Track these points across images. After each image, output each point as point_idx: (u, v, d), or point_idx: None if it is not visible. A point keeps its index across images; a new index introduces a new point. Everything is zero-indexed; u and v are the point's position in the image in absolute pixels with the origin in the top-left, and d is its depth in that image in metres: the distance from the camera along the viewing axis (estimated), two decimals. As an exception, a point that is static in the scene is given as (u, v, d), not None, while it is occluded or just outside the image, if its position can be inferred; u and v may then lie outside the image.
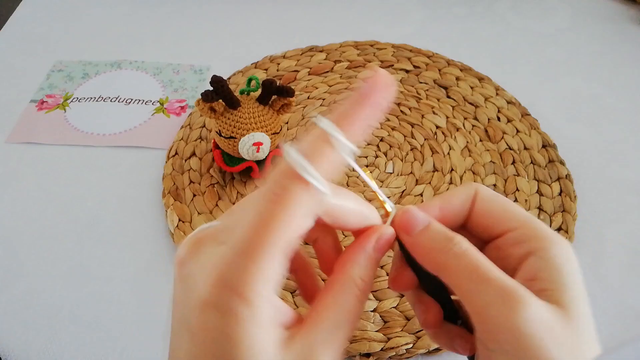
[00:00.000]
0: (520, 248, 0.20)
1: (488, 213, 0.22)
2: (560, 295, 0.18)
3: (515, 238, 0.21)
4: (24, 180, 0.48)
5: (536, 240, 0.20)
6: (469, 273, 0.19)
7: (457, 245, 0.20)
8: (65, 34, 0.62)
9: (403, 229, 0.21)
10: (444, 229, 0.21)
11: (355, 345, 0.37)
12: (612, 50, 0.61)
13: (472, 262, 0.19)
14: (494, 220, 0.21)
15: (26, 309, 0.39)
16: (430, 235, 0.20)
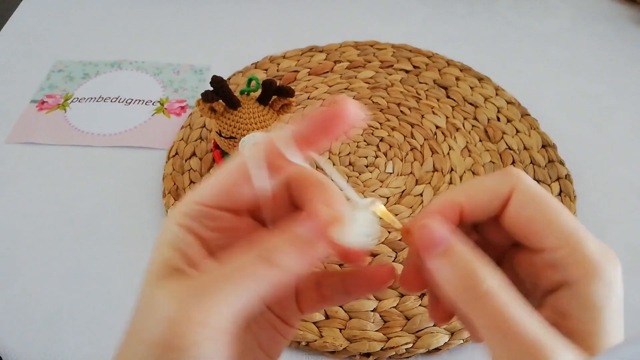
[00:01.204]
0: (555, 273, 0.17)
1: (525, 220, 0.18)
2: (595, 340, 0.17)
3: (551, 260, 0.17)
4: (24, 180, 0.48)
5: (576, 267, 0.17)
6: (492, 320, 0.16)
7: (482, 284, 0.16)
8: (65, 34, 0.62)
9: (421, 247, 0.18)
10: (468, 255, 0.17)
11: (355, 344, 0.37)
12: (613, 50, 0.61)
13: (498, 308, 0.16)
14: (531, 231, 0.18)
15: (25, 309, 0.39)
16: (451, 263, 0.17)
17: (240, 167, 0.18)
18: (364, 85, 0.55)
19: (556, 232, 0.17)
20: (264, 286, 0.17)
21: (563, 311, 0.17)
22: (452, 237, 0.17)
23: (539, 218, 0.18)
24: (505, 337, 0.16)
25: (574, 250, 0.17)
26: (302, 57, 0.58)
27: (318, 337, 0.37)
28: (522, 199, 0.18)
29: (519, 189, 0.18)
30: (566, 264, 0.17)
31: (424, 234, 0.18)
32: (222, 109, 0.42)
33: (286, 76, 0.56)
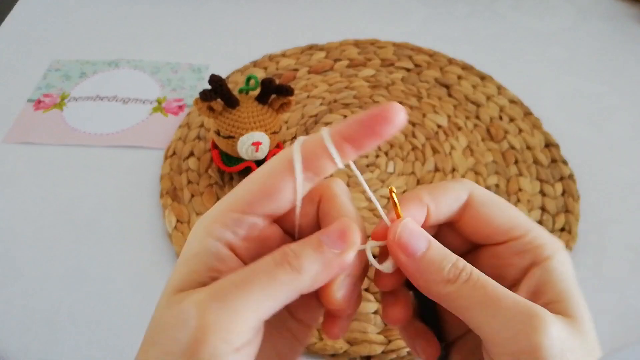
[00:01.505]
0: (523, 258, 0.20)
1: (486, 220, 0.20)
2: (567, 307, 0.19)
3: (518, 247, 0.20)
4: (21, 180, 0.47)
5: (540, 249, 0.19)
6: (481, 300, 0.18)
7: (464, 271, 0.18)
8: (62, 33, 0.62)
9: (403, 251, 0.19)
10: (444, 250, 0.19)
11: (356, 347, 0.36)
12: (615, 49, 0.61)
13: (485, 289, 0.18)
14: (494, 229, 0.20)
15: (24, 309, 0.39)
16: (432, 261, 0.19)
17: (283, 166, 0.18)
18: (364, 83, 0.54)
19: (521, 224, 0.20)
20: (287, 292, 0.17)
21: (538, 288, 0.19)
22: (429, 236, 0.19)
23: (502, 215, 0.20)
24: (497, 310, 0.17)
25: (537, 236, 0.20)
26: (302, 56, 0.57)
27: (318, 340, 0.36)
28: (482, 200, 0.20)
29: (476, 195, 0.21)
30: (533, 247, 0.20)
31: (405, 234, 0.19)
32: (221, 108, 0.42)
33: (285, 75, 0.55)
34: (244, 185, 0.19)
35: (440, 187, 0.21)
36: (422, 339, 0.22)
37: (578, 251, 0.42)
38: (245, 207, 0.18)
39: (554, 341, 0.17)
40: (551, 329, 0.17)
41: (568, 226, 0.43)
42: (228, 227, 0.18)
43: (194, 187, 0.45)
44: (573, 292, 0.19)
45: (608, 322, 0.38)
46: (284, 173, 0.18)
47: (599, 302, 0.39)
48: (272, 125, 0.42)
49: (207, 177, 0.46)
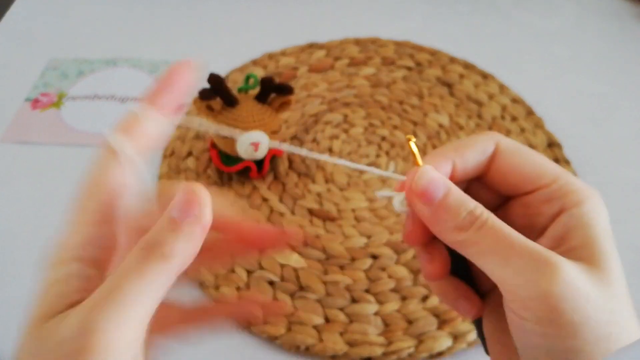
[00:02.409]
0: (552, 206, 0.19)
1: (514, 169, 0.20)
2: (591, 252, 0.18)
3: (547, 195, 0.19)
4: (18, 180, 0.47)
5: (569, 195, 0.19)
6: (494, 247, 0.18)
7: (480, 218, 0.18)
8: (59, 32, 0.62)
9: (421, 198, 0.19)
10: (463, 197, 0.19)
11: (356, 349, 0.36)
12: (618, 48, 0.60)
13: (497, 235, 0.18)
14: (522, 177, 0.20)
15: (22, 310, 0.39)
16: (449, 208, 0.19)
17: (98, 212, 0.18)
18: (365, 82, 0.54)
19: (547, 172, 0.20)
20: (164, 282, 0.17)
21: (562, 234, 0.19)
22: (448, 182, 0.19)
23: (530, 162, 0.20)
24: (509, 257, 0.17)
25: (567, 182, 0.19)
26: (302, 54, 0.57)
27: (318, 342, 0.36)
28: (511, 150, 0.20)
29: (503, 144, 0.20)
30: (562, 195, 0.19)
31: (424, 181, 0.19)
32: (220, 107, 0.41)
33: (285, 73, 0.55)
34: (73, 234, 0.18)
35: (466, 142, 0.21)
36: (463, 298, 0.21)
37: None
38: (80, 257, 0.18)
39: (566, 288, 0.17)
40: (563, 276, 0.17)
41: (571, 227, 0.42)
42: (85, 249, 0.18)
43: (192, 187, 0.45)
44: (601, 240, 0.18)
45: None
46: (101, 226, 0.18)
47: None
48: (272, 124, 0.42)
49: (205, 177, 0.45)
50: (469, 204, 0.19)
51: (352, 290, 0.38)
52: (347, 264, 0.40)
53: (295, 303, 0.38)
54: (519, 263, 0.17)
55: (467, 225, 0.18)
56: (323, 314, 0.37)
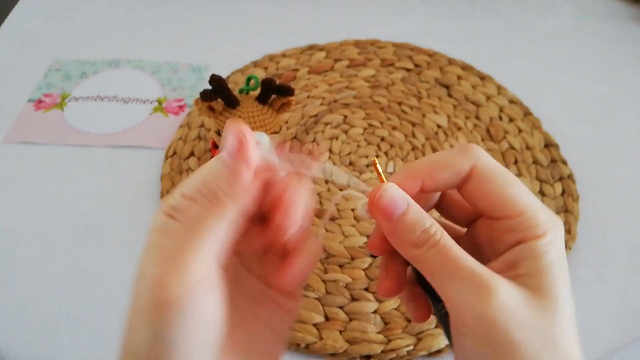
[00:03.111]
0: (512, 236, 0.20)
1: (483, 195, 0.20)
2: (537, 281, 0.19)
3: (510, 226, 0.20)
4: (21, 180, 0.47)
5: (529, 230, 0.19)
6: (442, 266, 0.19)
7: (433, 237, 0.19)
8: (62, 33, 0.62)
9: (381, 213, 0.20)
10: (420, 215, 0.20)
11: (356, 347, 0.36)
12: (615, 49, 0.61)
13: (447, 255, 0.19)
14: (490, 205, 0.20)
15: (24, 309, 0.39)
16: (406, 224, 0.20)
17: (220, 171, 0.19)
18: (364, 84, 0.54)
19: (515, 205, 0.20)
20: (225, 226, 0.18)
21: (514, 261, 0.19)
22: (408, 199, 0.20)
23: (500, 193, 0.20)
24: (455, 277, 0.19)
25: (531, 217, 0.20)
26: (302, 56, 0.57)
27: (318, 339, 0.36)
28: (484, 176, 0.20)
29: (479, 167, 0.20)
30: (523, 228, 0.20)
31: (386, 198, 0.20)
32: (221, 108, 0.42)
33: (286, 75, 0.55)
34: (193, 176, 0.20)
35: (441, 159, 0.21)
36: (412, 303, 0.23)
37: (577, 251, 0.42)
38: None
39: (501, 311, 0.18)
40: (500, 299, 0.18)
41: (567, 226, 0.43)
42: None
43: (194, 187, 0.45)
44: (549, 270, 0.19)
45: (608, 322, 0.38)
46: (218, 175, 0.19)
47: (599, 302, 0.39)
48: (273, 125, 0.42)
49: (207, 177, 0.46)
50: (424, 222, 0.20)
51: (351, 288, 0.39)
52: (346, 263, 0.40)
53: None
54: (462, 283, 0.18)
55: (421, 242, 0.19)
56: (323, 312, 0.38)
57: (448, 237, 0.20)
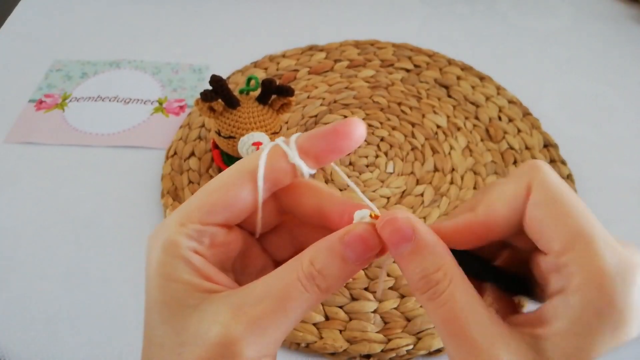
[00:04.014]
0: (557, 279, 0.16)
1: (535, 221, 0.17)
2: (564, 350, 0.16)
3: (557, 264, 0.16)
4: (22, 180, 0.47)
5: (575, 277, 0.15)
6: (443, 322, 0.16)
7: (434, 289, 0.17)
8: (63, 33, 0.62)
9: (387, 242, 0.17)
10: (426, 254, 0.17)
11: (356, 346, 0.36)
12: (614, 50, 0.61)
13: (448, 313, 0.16)
14: (540, 233, 0.17)
15: (25, 309, 0.39)
16: (409, 264, 0.17)
17: (242, 178, 0.18)
18: (364, 84, 0.54)
19: (562, 235, 0.16)
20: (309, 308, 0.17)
21: (546, 317, 0.16)
22: (417, 227, 0.17)
23: (547, 219, 0.16)
24: (454, 336, 0.16)
25: (579, 257, 0.15)
26: (302, 56, 0.57)
27: (318, 339, 0.37)
28: (535, 199, 0.17)
29: (533, 189, 0.17)
30: (569, 272, 0.15)
31: (390, 228, 0.17)
32: (221, 108, 0.42)
33: (286, 75, 0.55)
34: (201, 195, 0.18)
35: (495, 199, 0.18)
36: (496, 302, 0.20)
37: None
38: (204, 217, 0.18)
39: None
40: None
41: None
42: (193, 238, 0.18)
43: (195, 187, 0.45)
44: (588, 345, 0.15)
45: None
46: (243, 185, 0.18)
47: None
48: (273, 125, 0.42)
49: (208, 177, 0.46)
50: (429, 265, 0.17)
51: (351, 288, 0.39)
52: (346, 263, 0.40)
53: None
54: (465, 350, 0.16)
55: (423, 289, 0.17)
56: (323, 312, 0.38)
57: (457, 286, 0.16)
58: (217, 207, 0.18)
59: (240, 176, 0.18)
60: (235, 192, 0.18)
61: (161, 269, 0.17)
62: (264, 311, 0.16)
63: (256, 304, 0.16)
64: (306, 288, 0.17)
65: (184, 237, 0.17)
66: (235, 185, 0.18)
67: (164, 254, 0.17)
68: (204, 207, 0.18)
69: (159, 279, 0.17)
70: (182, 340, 0.16)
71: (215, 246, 0.18)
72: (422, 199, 0.45)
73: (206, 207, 0.18)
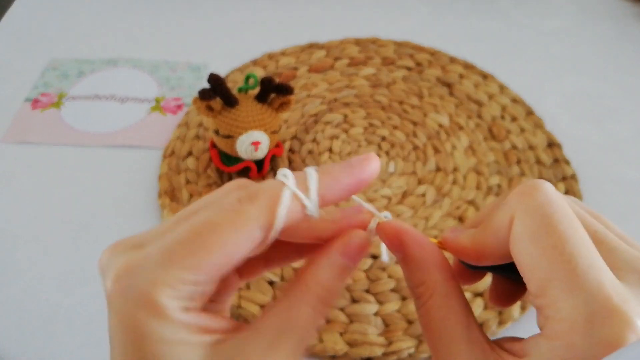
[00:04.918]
0: (539, 319, 0.15)
1: (516, 258, 0.16)
2: None
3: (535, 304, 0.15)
4: (19, 180, 0.47)
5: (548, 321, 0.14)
6: (423, 331, 0.17)
7: (420, 298, 0.17)
8: (60, 32, 0.62)
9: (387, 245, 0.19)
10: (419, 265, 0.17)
11: (356, 349, 0.36)
12: (617, 48, 0.60)
13: (426, 325, 0.17)
14: (521, 272, 0.16)
15: (22, 310, 0.39)
16: (405, 269, 0.18)
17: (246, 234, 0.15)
18: (365, 82, 0.54)
19: (536, 278, 0.15)
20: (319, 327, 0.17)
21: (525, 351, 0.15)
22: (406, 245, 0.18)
23: (524, 257, 0.15)
24: (432, 352, 0.17)
25: (550, 304, 0.14)
26: (302, 54, 0.57)
27: (318, 342, 0.36)
28: (514, 235, 0.16)
29: (515, 222, 0.16)
30: (544, 315, 0.15)
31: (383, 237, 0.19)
32: (220, 107, 0.41)
33: (285, 73, 0.55)
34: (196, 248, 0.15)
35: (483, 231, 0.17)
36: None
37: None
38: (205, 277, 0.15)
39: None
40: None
41: (571, 227, 0.42)
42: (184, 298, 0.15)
43: (192, 187, 0.45)
44: None
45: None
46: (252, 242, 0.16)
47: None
48: (272, 124, 0.42)
49: (205, 177, 0.45)
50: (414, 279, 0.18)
51: (352, 290, 0.38)
52: (347, 264, 0.40)
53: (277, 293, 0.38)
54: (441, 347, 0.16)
55: (412, 295, 0.18)
56: (323, 314, 0.37)
57: (436, 302, 0.17)
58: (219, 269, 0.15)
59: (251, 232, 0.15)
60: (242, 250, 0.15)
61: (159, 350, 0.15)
62: (289, 351, 0.15)
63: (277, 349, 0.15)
64: (321, 314, 0.17)
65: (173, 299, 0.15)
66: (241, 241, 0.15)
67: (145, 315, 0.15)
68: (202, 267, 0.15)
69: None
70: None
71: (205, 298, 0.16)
72: (424, 199, 0.44)
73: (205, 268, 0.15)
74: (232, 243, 0.15)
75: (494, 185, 0.45)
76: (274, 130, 0.42)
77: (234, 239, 0.15)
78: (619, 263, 0.15)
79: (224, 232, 0.15)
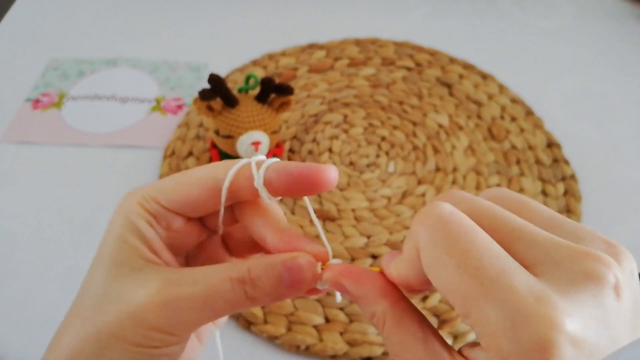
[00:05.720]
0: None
1: (435, 285, 0.16)
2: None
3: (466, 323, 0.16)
4: (19, 180, 0.47)
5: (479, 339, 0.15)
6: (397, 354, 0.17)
7: (378, 328, 0.17)
8: (60, 32, 0.62)
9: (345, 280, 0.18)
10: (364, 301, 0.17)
11: (356, 349, 0.36)
12: (617, 48, 0.60)
13: (389, 349, 0.17)
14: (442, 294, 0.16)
15: (22, 310, 0.39)
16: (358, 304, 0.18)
17: (206, 182, 0.19)
18: (365, 82, 0.54)
19: (457, 303, 0.15)
20: (231, 308, 0.18)
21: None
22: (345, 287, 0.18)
23: (438, 285, 0.15)
24: None
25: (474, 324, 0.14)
26: (302, 54, 0.57)
27: (318, 342, 0.36)
28: (424, 262, 0.16)
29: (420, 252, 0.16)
30: (477, 333, 0.14)
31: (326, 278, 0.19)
32: (220, 107, 0.41)
33: (285, 74, 0.55)
34: (170, 182, 0.19)
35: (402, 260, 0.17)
36: None
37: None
38: (165, 203, 0.19)
39: None
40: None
41: (570, 227, 0.42)
42: (153, 215, 0.19)
43: (192, 187, 0.45)
44: None
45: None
46: (208, 190, 0.19)
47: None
48: (272, 124, 0.42)
49: (206, 177, 0.45)
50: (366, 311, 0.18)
51: (352, 290, 0.38)
52: (347, 264, 0.40)
53: (295, 303, 0.38)
54: None
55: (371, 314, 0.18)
56: (323, 314, 0.37)
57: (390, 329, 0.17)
58: (179, 199, 0.19)
59: (208, 181, 0.19)
60: (199, 194, 0.19)
61: (118, 230, 0.19)
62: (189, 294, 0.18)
63: (185, 285, 0.18)
64: (234, 288, 0.18)
65: (144, 210, 0.19)
66: (201, 187, 0.19)
67: (122, 218, 0.19)
68: (168, 194, 0.19)
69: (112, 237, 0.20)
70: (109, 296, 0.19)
71: (170, 230, 0.20)
72: (423, 199, 0.44)
73: (170, 195, 0.19)
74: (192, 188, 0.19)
75: (493, 185, 0.45)
76: (274, 131, 0.42)
77: (195, 185, 0.19)
78: (538, 257, 0.15)
79: (190, 179, 0.19)
